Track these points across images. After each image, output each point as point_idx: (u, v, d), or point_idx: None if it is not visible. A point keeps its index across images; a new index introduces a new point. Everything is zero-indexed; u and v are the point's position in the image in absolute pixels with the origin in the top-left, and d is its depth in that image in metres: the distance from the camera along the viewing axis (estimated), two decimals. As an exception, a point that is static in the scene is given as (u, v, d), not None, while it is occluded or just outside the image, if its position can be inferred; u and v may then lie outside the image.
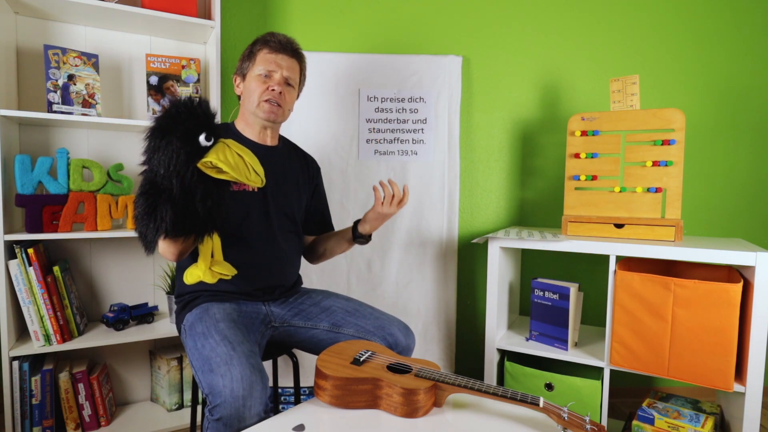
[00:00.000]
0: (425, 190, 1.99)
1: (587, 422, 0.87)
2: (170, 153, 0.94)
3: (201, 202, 0.99)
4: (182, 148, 0.95)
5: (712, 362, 1.34)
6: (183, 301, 1.29)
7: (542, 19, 2.05)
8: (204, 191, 0.99)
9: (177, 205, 0.97)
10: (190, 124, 0.96)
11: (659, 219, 1.53)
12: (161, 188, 0.97)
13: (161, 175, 0.95)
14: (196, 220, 1.00)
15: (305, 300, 1.37)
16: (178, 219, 0.98)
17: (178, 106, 0.98)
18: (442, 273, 2.01)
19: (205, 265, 1.11)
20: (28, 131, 1.66)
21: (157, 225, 0.97)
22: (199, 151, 0.98)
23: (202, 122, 0.98)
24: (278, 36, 1.34)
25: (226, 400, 0.94)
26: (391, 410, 0.96)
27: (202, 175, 0.99)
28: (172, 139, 0.95)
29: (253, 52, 1.34)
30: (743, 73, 2.03)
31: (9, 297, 1.50)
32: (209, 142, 0.99)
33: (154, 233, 0.98)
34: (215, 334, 1.09)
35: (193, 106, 0.99)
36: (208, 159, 0.98)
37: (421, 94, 1.97)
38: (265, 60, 1.31)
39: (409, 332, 1.33)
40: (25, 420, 1.53)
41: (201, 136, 0.97)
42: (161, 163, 0.95)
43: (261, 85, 1.30)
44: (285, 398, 1.87)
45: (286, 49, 1.33)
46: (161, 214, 0.96)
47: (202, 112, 0.99)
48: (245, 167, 1.04)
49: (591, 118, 1.62)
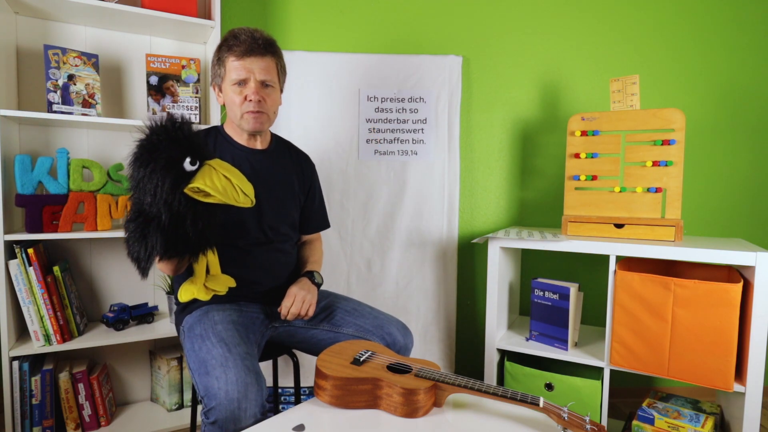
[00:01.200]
0: (425, 190, 1.99)
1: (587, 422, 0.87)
2: (155, 182, 0.93)
3: (192, 226, 0.98)
4: (166, 176, 0.93)
5: (712, 362, 1.34)
6: (183, 303, 1.29)
7: (542, 19, 2.05)
8: (194, 215, 0.98)
9: (167, 232, 0.96)
10: (173, 152, 0.94)
11: (659, 219, 1.53)
12: (150, 216, 0.96)
13: (148, 203, 0.94)
14: (187, 243, 1.00)
15: None
16: (169, 244, 0.97)
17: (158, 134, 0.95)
18: (442, 273, 2.01)
19: (200, 282, 1.11)
20: (28, 131, 1.66)
21: (148, 252, 0.96)
22: (185, 176, 0.96)
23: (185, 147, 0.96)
24: (241, 36, 1.22)
25: (221, 403, 0.94)
26: (391, 410, 0.96)
27: (191, 200, 0.97)
28: (156, 167, 0.93)
29: (221, 59, 1.25)
30: (743, 73, 2.03)
31: (9, 297, 1.50)
32: (194, 166, 0.96)
33: (146, 258, 0.97)
34: (212, 337, 1.09)
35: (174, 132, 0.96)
36: (194, 185, 0.96)
37: (421, 94, 1.97)
38: (234, 68, 1.22)
39: (407, 332, 1.33)
40: (25, 420, 1.53)
41: (186, 161, 0.95)
42: (147, 191, 0.94)
43: (237, 96, 1.23)
44: (285, 398, 1.87)
45: (254, 49, 1.22)
46: (151, 242, 0.96)
47: (183, 137, 0.96)
48: (233, 189, 1.01)
49: (591, 118, 1.62)
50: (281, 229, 1.34)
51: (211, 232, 1.04)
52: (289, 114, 1.92)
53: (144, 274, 1.00)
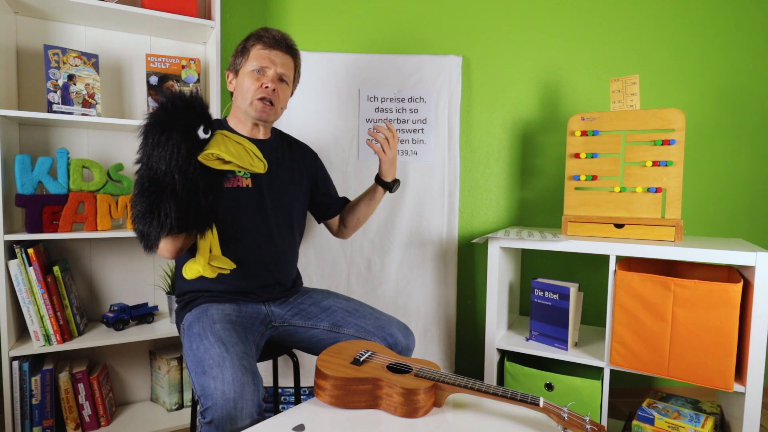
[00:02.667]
0: (425, 190, 1.99)
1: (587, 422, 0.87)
2: (171, 148, 0.93)
3: (204, 196, 0.99)
4: (183, 142, 0.94)
5: (712, 362, 1.34)
6: (183, 301, 1.29)
7: (542, 19, 2.05)
8: (206, 185, 0.99)
9: (181, 201, 0.96)
10: (189, 118, 0.95)
11: (659, 219, 1.53)
12: (163, 185, 0.95)
13: (162, 171, 0.94)
14: (199, 215, 1.00)
15: (305, 300, 1.37)
16: (182, 215, 0.97)
17: (174, 101, 0.96)
18: (442, 273, 2.01)
19: (204, 260, 1.11)
20: (28, 131, 1.66)
21: (161, 222, 0.96)
22: (199, 144, 0.97)
23: (200, 115, 0.97)
24: (272, 31, 1.31)
25: (216, 403, 0.94)
26: (391, 410, 0.96)
27: (204, 169, 0.99)
28: (172, 134, 0.94)
29: (246, 48, 1.31)
30: (743, 73, 2.03)
31: (9, 297, 1.50)
32: (207, 134, 0.98)
33: (158, 231, 0.97)
34: (210, 336, 1.09)
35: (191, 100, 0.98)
36: (210, 151, 0.97)
37: (421, 94, 1.97)
38: (258, 56, 1.28)
39: (408, 333, 1.33)
40: (25, 420, 1.53)
41: (199, 129, 0.96)
42: (162, 158, 0.94)
43: (254, 82, 1.27)
44: (285, 398, 1.87)
45: (281, 44, 1.30)
46: (165, 211, 0.95)
47: (198, 105, 0.98)
48: (247, 154, 1.03)
49: (591, 118, 1.62)
50: (281, 221, 1.34)
51: (218, 207, 1.04)
52: (289, 114, 1.92)
53: (152, 247, 0.99)
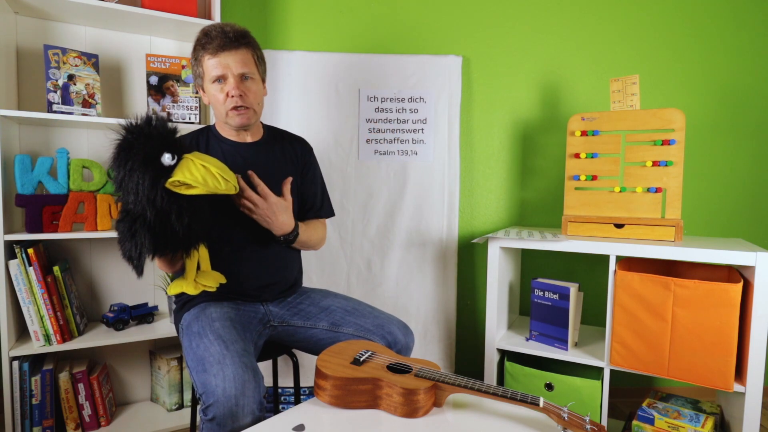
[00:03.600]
0: (425, 190, 1.99)
1: (587, 422, 0.87)
2: (135, 180, 0.95)
3: (177, 221, 0.99)
4: (145, 173, 0.95)
5: (712, 362, 1.34)
6: (181, 301, 1.29)
7: (542, 19, 2.05)
8: (178, 210, 0.99)
9: (154, 229, 0.98)
10: (148, 148, 0.96)
11: (659, 219, 1.53)
12: (135, 214, 0.98)
13: (132, 201, 0.96)
14: (176, 239, 1.01)
15: (304, 300, 1.37)
16: (157, 241, 0.99)
17: (132, 132, 0.97)
18: (442, 273, 2.01)
19: (191, 277, 1.12)
20: (28, 131, 1.66)
21: (138, 250, 0.98)
22: (165, 171, 0.97)
23: (160, 143, 0.97)
24: (212, 33, 1.21)
25: (218, 400, 0.94)
26: (391, 410, 0.96)
27: (173, 195, 0.99)
28: (134, 165, 0.95)
29: (197, 59, 1.24)
30: (743, 73, 2.03)
31: (9, 297, 1.50)
32: (173, 161, 0.98)
33: (138, 257, 0.99)
34: (210, 334, 1.09)
35: (149, 129, 0.97)
36: (174, 179, 0.97)
37: (421, 94, 1.97)
38: (210, 66, 1.21)
39: (408, 331, 1.32)
40: (25, 420, 1.53)
41: (164, 156, 0.97)
42: (129, 190, 0.96)
43: (219, 94, 1.23)
44: (285, 398, 1.87)
45: (226, 44, 1.20)
46: (140, 240, 0.98)
47: (157, 134, 0.98)
48: (213, 178, 1.02)
49: (591, 118, 1.62)
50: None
51: (200, 226, 1.04)
52: (289, 114, 1.92)
53: (139, 272, 1.02)
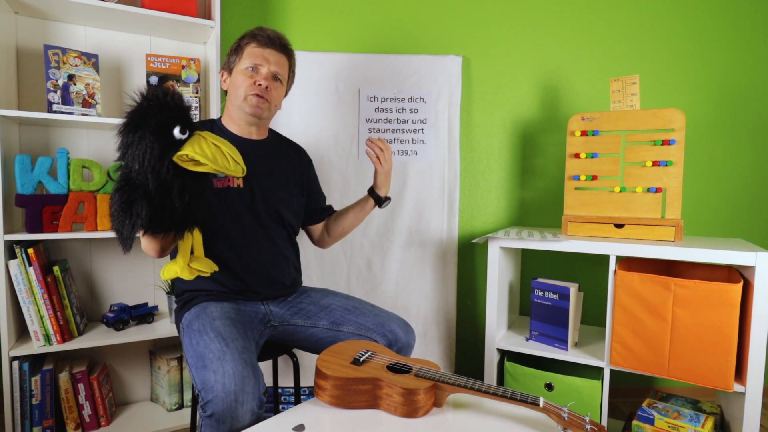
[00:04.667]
0: (425, 190, 1.99)
1: (587, 422, 0.87)
2: (144, 148, 0.92)
3: (178, 197, 0.97)
4: (156, 141, 0.93)
5: (712, 362, 1.34)
6: (182, 300, 1.29)
7: (542, 19, 2.05)
8: (181, 186, 0.97)
9: (153, 201, 0.95)
10: (163, 117, 0.94)
11: (659, 219, 1.53)
12: (136, 184, 0.95)
13: (136, 170, 0.93)
14: (173, 216, 0.98)
15: (304, 299, 1.37)
16: (154, 215, 0.96)
17: (149, 99, 0.95)
18: (442, 273, 2.01)
19: (184, 261, 1.09)
20: (28, 131, 1.66)
21: (132, 221, 0.95)
22: (174, 144, 0.95)
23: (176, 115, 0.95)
24: (267, 30, 1.32)
25: (217, 396, 0.94)
26: (391, 410, 0.96)
27: (179, 170, 0.97)
28: (145, 133, 0.92)
29: (240, 46, 1.32)
30: (743, 73, 2.03)
31: (9, 297, 1.50)
32: (184, 135, 0.96)
33: (129, 230, 0.96)
34: (210, 331, 1.09)
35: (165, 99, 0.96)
36: (183, 152, 0.95)
37: (421, 94, 1.97)
38: (252, 54, 1.29)
39: (409, 329, 1.33)
40: (25, 420, 1.53)
41: (175, 129, 0.95)
42: (135, 158, 0.93)
43: (247, 79, 1.28)
44: (285, 398, 1.87)
45: (275, 43, 1.31)
46: (137, 210, 0.95)
47: (174, 105, 0.96)
48: (223, 157, 1.01)
49: (591, 118, 1.62)
50: (274, 221, 1.34)
51: (198, 208, 1.02)
52: (289, 114, 1.92)
53: (126, 247, 0.99)
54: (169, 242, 1.10)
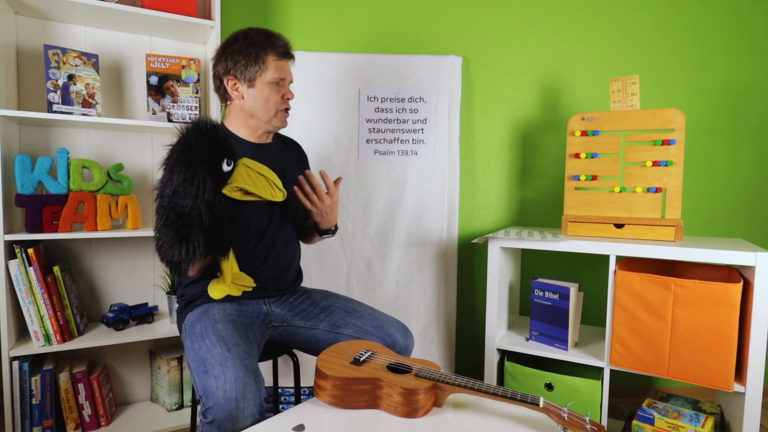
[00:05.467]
0: (425, 190, 1.99)
1: (587, 422, 0.87)
2: (197, 184, 0.97)
3: (229, 224, 1.03)
4: (209, 178, 0.98)
5: (712, 362, 1.34)
6: (185, 301, 1.29)
7: (542, 19, 2.05)
8: (231, 215, 1.03)
9: (208, 233, 1.00)
10: (214, 153, 0.99)
11: (659, 219, 1.53)
12: (191, 218, 0.99)
13: (189, 206, 0.98)
14: (223, 241, 1.04)
15: (305, 300, 1.37)
16: (208, 245, 1.02)
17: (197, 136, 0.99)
18: (442, 273, 2.01)
19: (229, 279, 1.16)
20: (28, 131, 1.66)
21: (189, 254, 1.00)
22: (223, 177, 1.01)
23: (222, 149, 1.00)
24: (280, 39, 1.30)
25: (218, 402, 0.94)
26: (391, 410, 0.96)
27: (228, 200, 1.03)
28: (198, 171, 0.97)
29: (260, 57, 1.26)
30: (743, 73, 2.03)
31: (9, 297, 1.50)
32: (230, 167, 1.02)
33: (187, 261, 1.01)
34: (212, 335, 1.09)
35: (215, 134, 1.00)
36: (236, 185, 1.02)
37: (421, 94, 1.97)
38: (277, 67, 1.27)
39: (407, 333, 1.33)
40: (25, 420, 1.53)
41: (223, 162, 1.00)
42: (188, 194, 0.97)
43: (276, 95, 1.28)
44: (285, 398, 1.87)
45: (289, 54, 1.32)
46: (193, 244, 1.00)
47: (222, 139, 1.01)
48: (269, 185, 1.08)
49: (591, 118, 1.62)
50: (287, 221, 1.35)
51: (240, 228, 1.09)
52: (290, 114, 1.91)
53: (182, 276, 1.06)
54: (209, 261, 1.14)
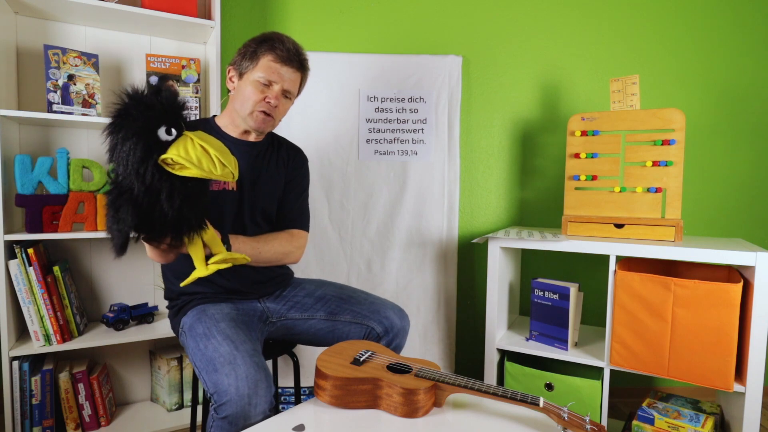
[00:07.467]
0: (425, 190, 1.99)
1: (587, 422, 0.87)
2: (127, 149, 0.87)
3: (167, 201, 0.91)
4: (138, 143, 0.87)
5: (712, 362, 1.34)
6: (176, 306, 1.27)
7: (542, 19, 2.05)
8: (169, 190, 0.90)
9: (139, 206, 0.90)
10: (146, 118, 0.88)
11: (659, 219, 1.53)
12: (122, 188, 0.90)
13: (120, 173, 0.89)
14: (164, 222, 0.92)
15: (299, 292, 1.37)
16: (142, 220, 0.90)
17: (132, 98, 0.89)
18: (442, 273, 2.01)
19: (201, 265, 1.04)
20: (28, 131, 1.66)
21: (119, 227, 0.90)
22: (160, 146, 0.89)
23: (160, 114, 0.89)
24: (287, 44, 1.24)
25: (232, 399, 0.95)
26: (391, 410, 0.96)
27: (165, 173, 0.90)
28: (128, 134, 0.87)
29: (257, 54, 1.23)
30: (743, 73, 2.03)
31: (9, 297, 1.50)
32: (170, 136, 0.89)
33: (118, 235, 0.91)
34: (217, 334, 1.09)
35: (150, 97, 0.90)
36: (167, 156, 0.89)
37: (421, 94, 1.97)
38: (267, 68, 1.22)
39: (403, 315, 1.34)
40: (25, 420, 1.53)
41: (160, 129, 0.88)
42: (120, 160, 0.88)
43: (257, 94, 1.22)
44: (285, 398, 1.87)
45: (293, 61, 1.24)
46: (123, 215, 0.90)
47: (159, 103, 0.89)
48: (209, 161, 0.93)
49: (591, 118, 1.62)
50: (260, 224, 1.31)
51: (194, 213, 0.96)
52: (289, 114, 1.91)
53: (117, 251, 0.93)
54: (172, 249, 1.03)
